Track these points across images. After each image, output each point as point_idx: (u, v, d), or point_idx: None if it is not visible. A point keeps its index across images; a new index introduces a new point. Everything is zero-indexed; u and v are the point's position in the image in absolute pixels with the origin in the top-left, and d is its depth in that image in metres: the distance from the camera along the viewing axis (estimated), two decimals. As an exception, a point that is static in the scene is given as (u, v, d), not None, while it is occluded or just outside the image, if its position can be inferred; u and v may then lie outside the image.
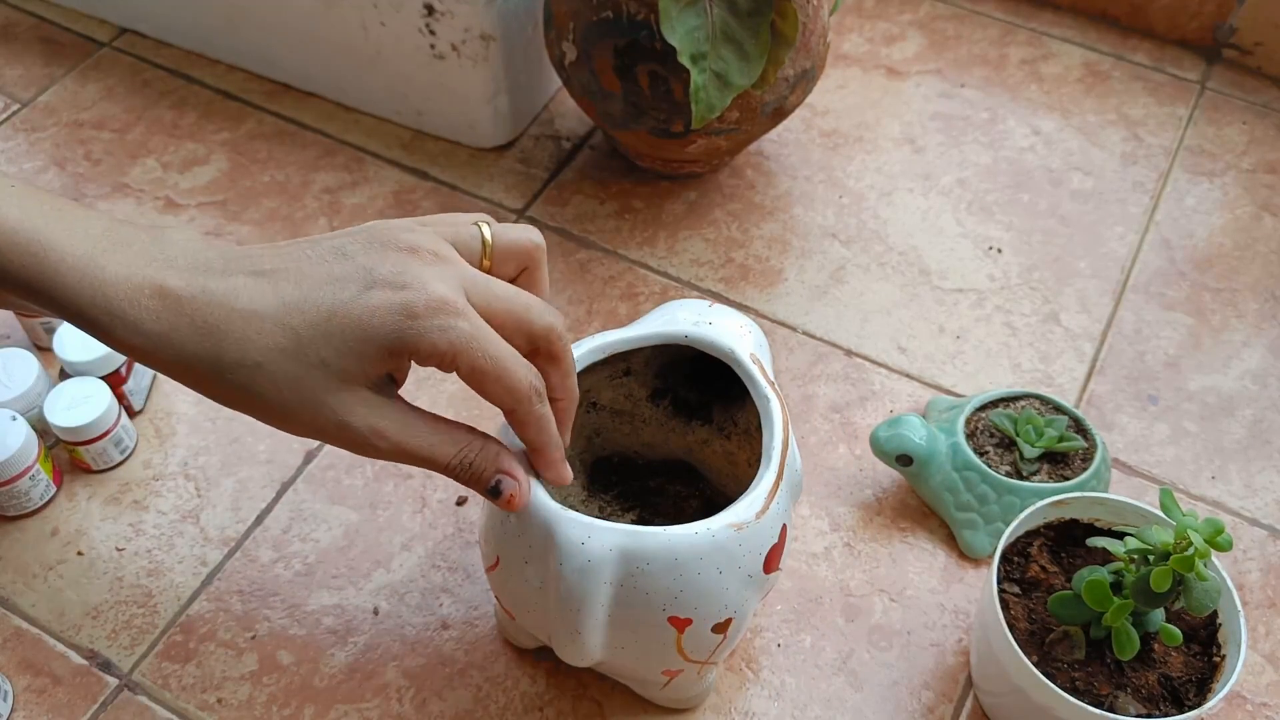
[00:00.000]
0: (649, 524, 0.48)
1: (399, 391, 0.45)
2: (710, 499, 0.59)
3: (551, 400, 0.45)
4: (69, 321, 0.43)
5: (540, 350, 0.44)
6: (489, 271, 0.45)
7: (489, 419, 0.65)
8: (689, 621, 0.47)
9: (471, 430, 0.45)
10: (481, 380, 0.42)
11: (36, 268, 0.41)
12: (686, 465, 0.60)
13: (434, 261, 0.42)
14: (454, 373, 0.42)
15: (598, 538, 0.45)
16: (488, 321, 0.42)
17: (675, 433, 0.59)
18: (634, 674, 0.52)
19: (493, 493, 0.45)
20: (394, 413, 0.43)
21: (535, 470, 0.46)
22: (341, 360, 0.41)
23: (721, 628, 0.48)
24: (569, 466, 0.47)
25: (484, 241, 0.45)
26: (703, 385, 0.57)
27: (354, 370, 0.41)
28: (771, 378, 0.52)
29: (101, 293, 0.41)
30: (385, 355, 0.41)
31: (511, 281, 0.46)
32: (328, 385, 0.42)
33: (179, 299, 0.41)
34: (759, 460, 0.50)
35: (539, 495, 0.46)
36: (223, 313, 0.41)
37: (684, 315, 0.53)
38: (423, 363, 0.42)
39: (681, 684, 0.53)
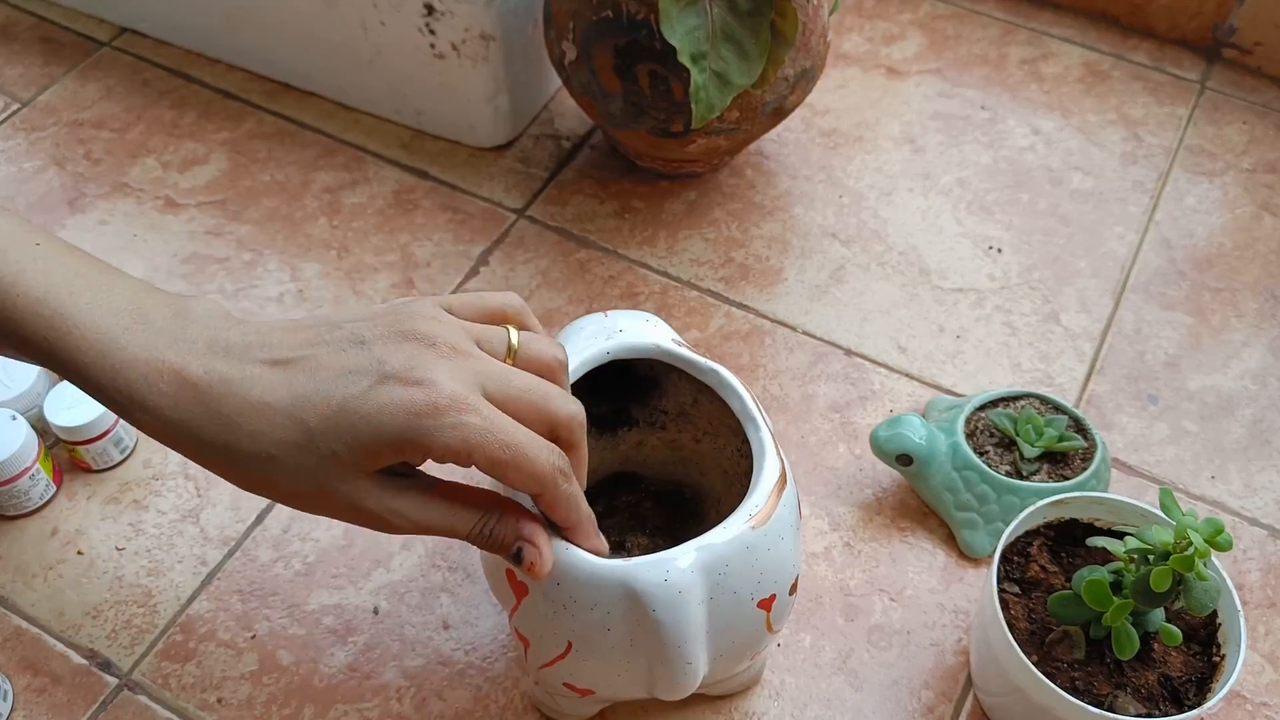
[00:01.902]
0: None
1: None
2: (659, 491, 0.60)
3: None
4: (91, 396, 0.43)
5: (561, 439, 0.44)
6: None
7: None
8: (773, 597, 0.47)
9: (491, 497, 0.44)
10: (503, 471, 0.41)
11: (59, 342, 0.42)
12: (622, 474, 0.60)
13: (450, 355, 0.42)
14: (473, 467, 0.41)
15: (674, 567, 0.44)
16: (506, 413, 0.42)
17: (607, 449, 0.58)
18: (726, 672, 0.51)
19: (515, 559, 0.44)
20: (409, 493, 0.43)
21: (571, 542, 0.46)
22: (352, 453, 0.41)
23: (794, 587, 0.48)
24: (603, 537, 0.46)
25: (510, 346, 0.44)
26: (610, 394, 0.56)
27: (364, 461, 0.41)
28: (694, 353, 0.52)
29: (121, 375, 0.42)
30: (394, 450, 0.41)
31: None
32: (341, 475, 0.42)
33: (195, 386, 0.42)
34: (710, 434, 0.50)
35: (590, 560, 0.44)
36: (237, 403, 0.41)
37: (590, 335, 0.52)
38: (439, 460, 0.41)
39: (756, 662, 0.54)
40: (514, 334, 0.45)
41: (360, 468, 0.41)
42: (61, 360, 0.42)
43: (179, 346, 0.42)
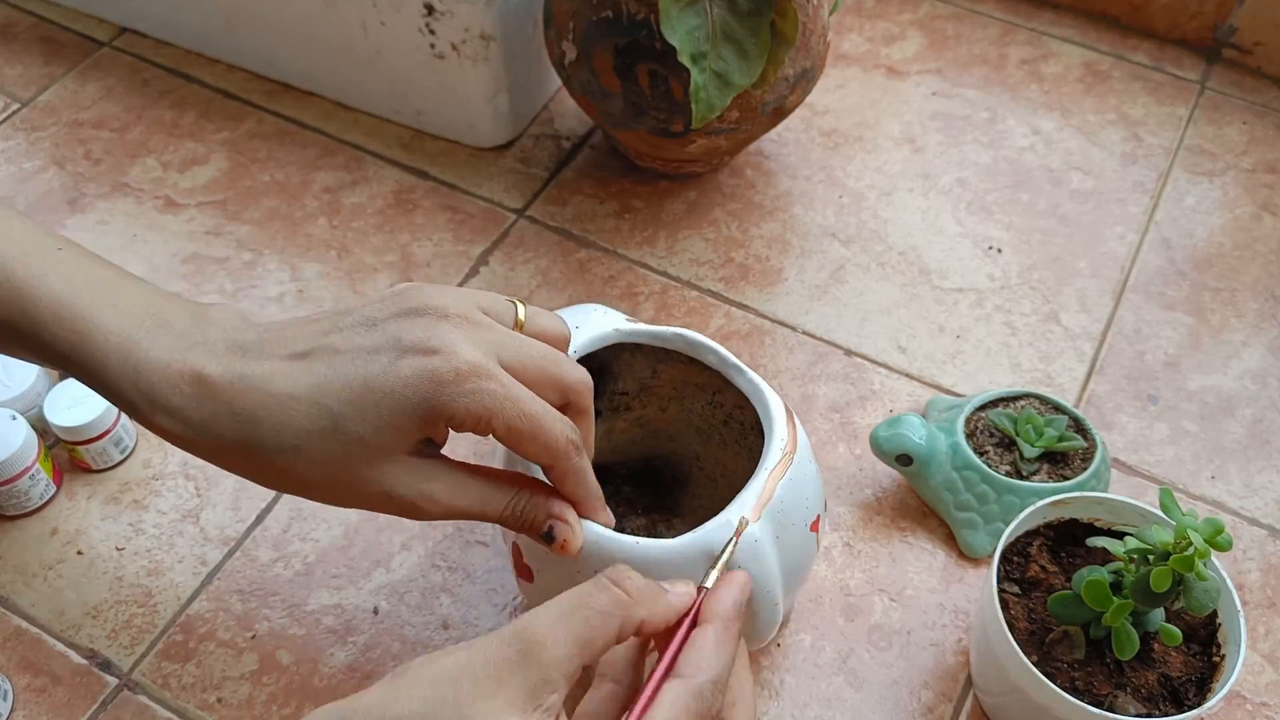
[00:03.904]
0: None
1: (443, 450, 0.45)
2: (631, 473, 0.61)
3: None
4: (110, 401, 0.43)
5: (571, 404, 0.44)
6: None
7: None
8: (818, 519, 0.50)
9: (519, 477, 0.45)
10: (518, 440, 0.42)
11: (80, 345, 0.42)
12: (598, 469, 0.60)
13: (463, 325, 0.42)
14: (490, 435, 0.42)
15: (744, 519, 0.46)
16: (520, 380, 0.42)
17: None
18: (789, 605, 0.52)
19: (546, 538, 0.44)
20: (439, 475, 0.43)
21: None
22: (378, 434, 0.41)
23: (817, 523, 0.51)
24: (610, 512, 0.46)
25: (516, 319, 0.45)
26: None
27: (391, 442, 0.41)
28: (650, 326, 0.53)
29: (144, 379, 0.42)
30: (419, 423, 0.41)
31: None
32: (368, 459, 0.41)
33: (216, 386, 0.42)
34: (676, 398, 0.54)
35: (663, 543, 0.45)
36: (259, 398, 0.41)
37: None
38: (459, 428, 0.41)
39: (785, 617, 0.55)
40: (520, 306, 0.45)
41: (386, 450, 0.41)
42: (83, 364, 0.42)
43: (199, 349, 0.43)
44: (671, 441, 0.59)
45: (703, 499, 0.60)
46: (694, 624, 0.39)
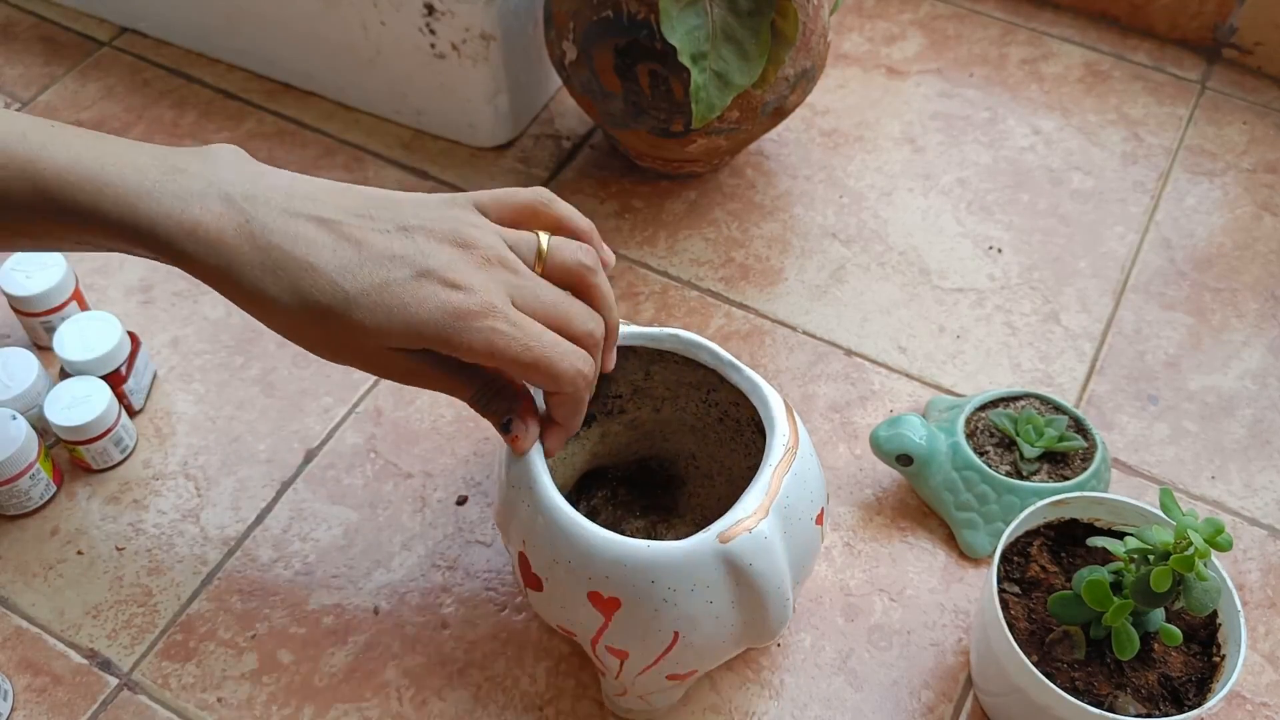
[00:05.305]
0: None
1: None
2: (626, 475, 0.61)
3: None
4: (130, 252, 0.45)
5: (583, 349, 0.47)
6: (541, 276, 0.48)
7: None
8: (822, 511, 0.51)
9: (499, 372, 0.48)
10: (521, 372, 0.45)
11: (89, 203, 0.43)
12: (586, 474, 0.60)
13: (484, 265, 0.45)
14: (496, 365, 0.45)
15: (753, 517, 0.46)
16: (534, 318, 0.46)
17: (577, 453, 0.59)
18: (796, 596, 0.53)
19: (503, 429, 0.48)
20: (427, 354, 0.45)
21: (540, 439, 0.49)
22: (380, 330, 0.44)
23: (821, 516, 0.51)
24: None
25: (539, 252, 0.47)
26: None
27: (395, 341, 0.44)
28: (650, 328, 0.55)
29: (160, 226, 0.43)
30: (423, 340, 0.44)
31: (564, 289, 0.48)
32: (369, 340, 0.44)
33: (236, 235, 0.44)
34: (670, 398, 0.55)
35: (677, 545, 0.46)
36: (280, 255, 0.43)
37: None
38: (465, 359, 0.45)
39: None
40: (544, 240, 0.48)
41: (389, 340, 0.44)
42: (97, 221, 0.44)
43: (212, 192, 0.44)
44: (665, 442, 0.59)
45: (701, 497, 0.60)
46: None
